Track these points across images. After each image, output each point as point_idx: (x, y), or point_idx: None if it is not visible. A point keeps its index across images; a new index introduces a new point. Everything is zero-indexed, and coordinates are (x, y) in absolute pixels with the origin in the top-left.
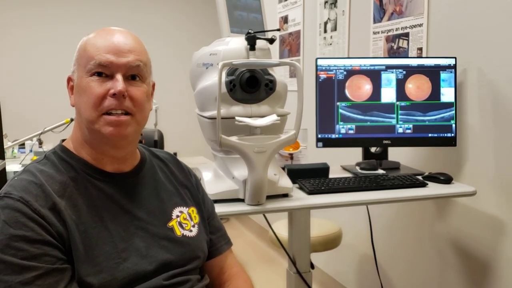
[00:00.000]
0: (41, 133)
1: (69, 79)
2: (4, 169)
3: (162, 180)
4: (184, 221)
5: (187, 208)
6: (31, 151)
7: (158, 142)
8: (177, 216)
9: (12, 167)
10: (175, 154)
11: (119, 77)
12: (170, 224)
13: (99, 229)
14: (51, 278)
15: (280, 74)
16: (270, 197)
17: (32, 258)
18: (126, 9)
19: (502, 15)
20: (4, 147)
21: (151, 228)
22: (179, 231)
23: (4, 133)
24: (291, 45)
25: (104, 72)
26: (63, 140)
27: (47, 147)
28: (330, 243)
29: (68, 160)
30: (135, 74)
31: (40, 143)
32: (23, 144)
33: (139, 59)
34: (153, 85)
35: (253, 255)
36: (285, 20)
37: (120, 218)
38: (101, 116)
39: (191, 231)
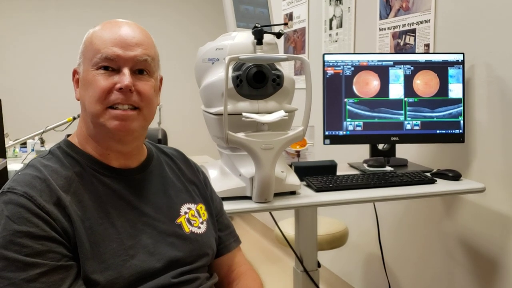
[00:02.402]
0: (43, 132)
1: (75, 72)
2: (6, 168)
3: (169, 177)
4: (193, 217)
5: (195, 205)
6: (32, 150)
7: (162, 141)
8: (185, 213)
9: (14, 166)
10: None
11: (126, 71)
12: (179, 220)
13: (106, 226)
14: (56, 275)
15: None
16: (277, 195)
17: (37, 254)
18: (128, 11)
19: (510, 10)
20: (6, 146)
21: (159, 225)
22: (187, 228)
23: (5, 132)
24: (296, 42)
25: (110, 65)
26: (68, 135)
27: (49, 146)
28: (337, 241)
29: (74, 155)
30: (142, 68)
31: (42, 142)
32: (25, 143)
33: (146, 53)
34: (161, 80)
35: (258, 254)
36: (290, 17)
37: (127, 214)
38: (106, 110)
39: (199, 227)
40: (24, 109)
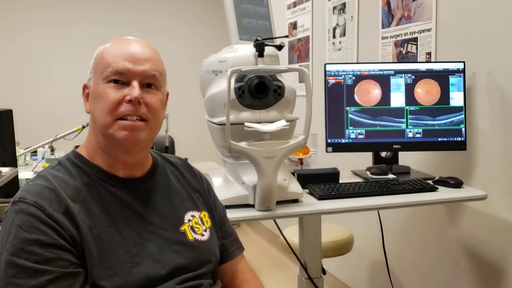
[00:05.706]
0: (53, 141)
1: (85, 87)
2: (17, 176)
3: (174, 185)
4: (196, 225)
5: (199, 213)
6: (43, 158)
7: (169, 148)
8: (189, 221)
9: (25, 174)
10: (186, 159)
11: (135, 84)
12: (182, 228)
13: (113, 234)
14: (64, 282)
15: (289, 80)
16: (280, 203)
17: (46, 262)
18: (137, 14)
19: (510, 20)
20: (17, 154)
21: (164, 233)
22: (191, 235)
23: (16, 141)
24: (300, 50)
25: (120, 79)
26: (77, 147)
27: (59, 154)
28: (342, 248)
29: (82, 166)
30: (150, 82)
31: (52, 150)
32: (35, 152)
33: (155, 69)
34: (167, 95)
35: (264, 261)
36: (294, 26)
37: (133, 222)
38: (115, 121)
39: (203, 235)
40: (34, 117)
